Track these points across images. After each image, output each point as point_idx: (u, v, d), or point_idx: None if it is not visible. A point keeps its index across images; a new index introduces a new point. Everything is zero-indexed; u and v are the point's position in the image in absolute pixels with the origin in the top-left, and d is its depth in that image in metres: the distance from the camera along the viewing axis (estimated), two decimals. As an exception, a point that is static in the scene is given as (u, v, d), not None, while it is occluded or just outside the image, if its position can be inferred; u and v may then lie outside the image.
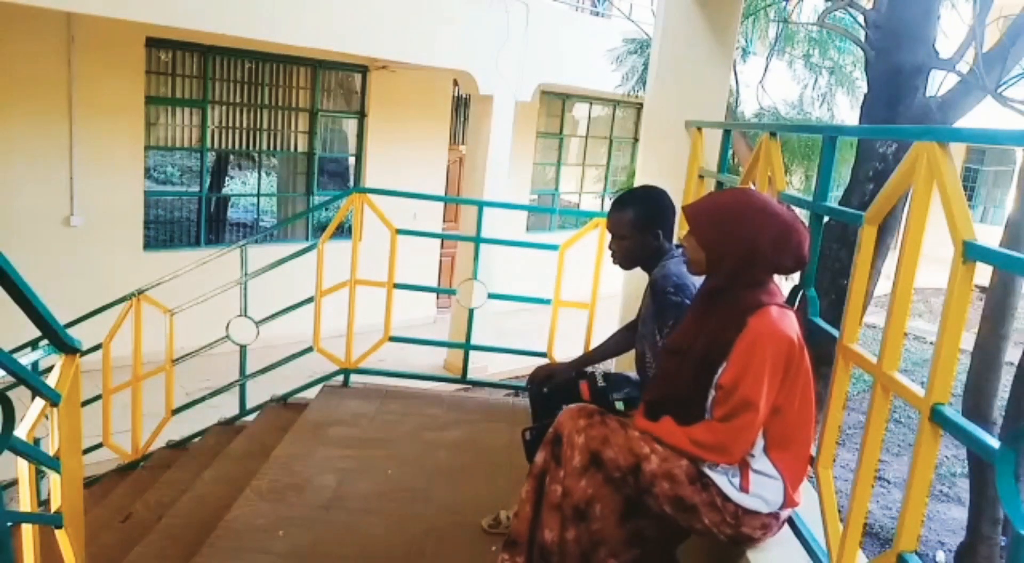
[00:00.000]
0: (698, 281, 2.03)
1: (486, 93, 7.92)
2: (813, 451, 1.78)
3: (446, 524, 2.52)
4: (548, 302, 3.75)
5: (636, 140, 11.68)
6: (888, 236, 4.39)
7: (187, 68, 7.53)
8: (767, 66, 8.11)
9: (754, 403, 1.63)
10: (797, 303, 1.96)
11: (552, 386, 2.40)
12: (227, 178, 10.26)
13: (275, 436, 3.28)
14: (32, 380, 1.55)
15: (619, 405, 2.10)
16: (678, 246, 2.31)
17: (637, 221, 2.31)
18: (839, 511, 1.66)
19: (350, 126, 9.03)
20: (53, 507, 1.76)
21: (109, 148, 7.00)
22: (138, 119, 7.18)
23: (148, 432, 3.94)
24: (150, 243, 7.60)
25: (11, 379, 1.49)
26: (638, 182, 3.60)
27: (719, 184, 2.86)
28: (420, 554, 2.36)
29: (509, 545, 1.89)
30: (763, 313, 1.67)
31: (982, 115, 4.88)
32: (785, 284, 2.09)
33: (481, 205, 4.13)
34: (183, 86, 7.55)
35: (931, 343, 1.45)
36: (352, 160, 9.16)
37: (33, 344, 3.28)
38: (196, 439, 3.95)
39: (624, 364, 3.47)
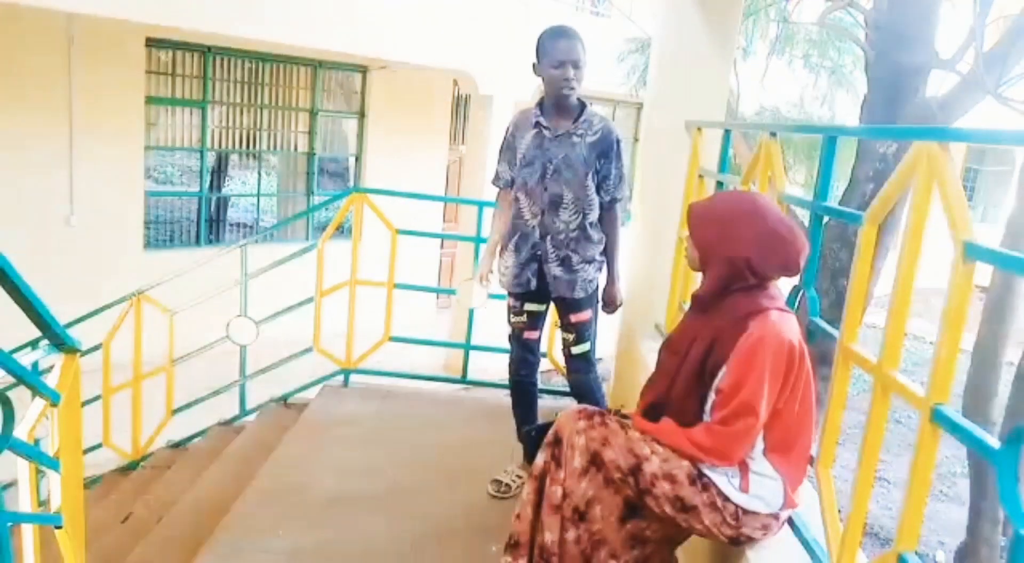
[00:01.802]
0: None
1: (486, 93, 7.93)
2: (813, 451, 1.78)
3: (446, 524, 2.52)
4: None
5: (636, 140, 11.67)
6: (888, 236, 4.39)
7: (187, 68, 7.53)
8: (767, 66, 8.10)
9: (754, 408, 1.63)
10: (797, 303, 1.96)
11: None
12: (227, 178, 10.27)
13: (275, 436, 3.28)
14: (32, 380, 1.55)
15: None
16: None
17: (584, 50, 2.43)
18: (839, 511, 1.66)
19: (350, 126, 9.03)
20: (53, 507, 1.76)
21: (109, 148, 7.00)
22: (138, 119, 7.18)
23: (148, 432, 3.93)
24: (150, 243, 7.61)
25: (11, 379, 1.48)
26: (638, 182, 3.60)
27: (719, 184, 2.86)
28: (420, 554, 2.36)
29: (511, 547, 1.89)
30: (763, 317, 1.67)
31: (982, 115, 4.88)
32: (785, 284, 2.09)
33: (481, 205, 4.13)
34: (183, 86, 7.55)
35: (931, 343, 1.46)
36: (352, 160, 9.16)
37: (33, 344, 3.28)
38: (196, 439, 3.95)
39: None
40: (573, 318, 2.61)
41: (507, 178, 2.64)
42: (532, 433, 2.14)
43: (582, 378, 2.67)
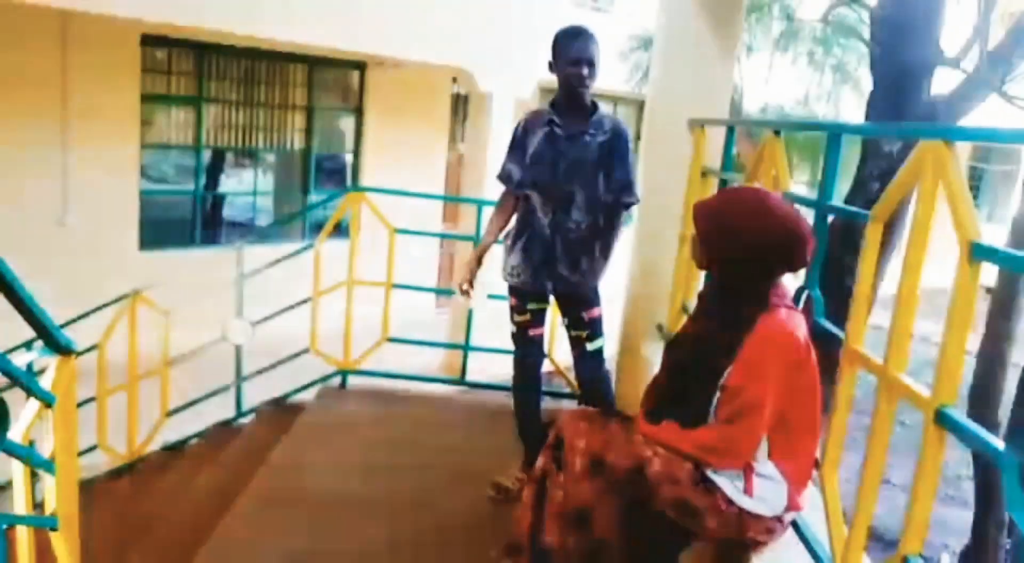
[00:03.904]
0: None
1: (485, 90, 7.89)
2: (818, 454, 1.76)
3: (445, 526, 2.50)
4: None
5: (638, 138, 11.64)
6: (894, 235, 4.37)
7: (182, 66, 7.51)
8: (771, 63, 8.09)
9: (760, 405, 1.61)
10: (802, 304, 1.94)
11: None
12: (223, 176, 10.23)
13: (272, 438, 3.25)
14: (26, 382, 1.53)
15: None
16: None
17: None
18: (844, 514, 1.64)
19: (347, 124, 9.01)
20: (48, 510, 1.74)
21: (104, 146, 6.96)
22: (133, 117, 7.15)
23: (144, 434, 3.91)
24: (145, 242, 7.55)
25: (6, 380, 1.47)
26: (641, 180, 3.57)
27: (722, 182, 2.84)
28: (419, 557, 2.34)
29: (512, 550, 1.87)
30: (772, 314, 1.65)
31: (988, 113, 4.85)
32: (790, 285, 2.07)
33: (480, 204, 4.10)
34: (178, 84, 7.53)
35: (936, 344, 1.45)
36: (349, 158, 9.13)
37: (27, 345, 3.26)
38: (192, 441, 3.93)
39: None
40: (587, 315, 2.64)
41: (516, 178, 2.62)
42: (533, 435, 2.12)
43: (597, 373, 2.69)
